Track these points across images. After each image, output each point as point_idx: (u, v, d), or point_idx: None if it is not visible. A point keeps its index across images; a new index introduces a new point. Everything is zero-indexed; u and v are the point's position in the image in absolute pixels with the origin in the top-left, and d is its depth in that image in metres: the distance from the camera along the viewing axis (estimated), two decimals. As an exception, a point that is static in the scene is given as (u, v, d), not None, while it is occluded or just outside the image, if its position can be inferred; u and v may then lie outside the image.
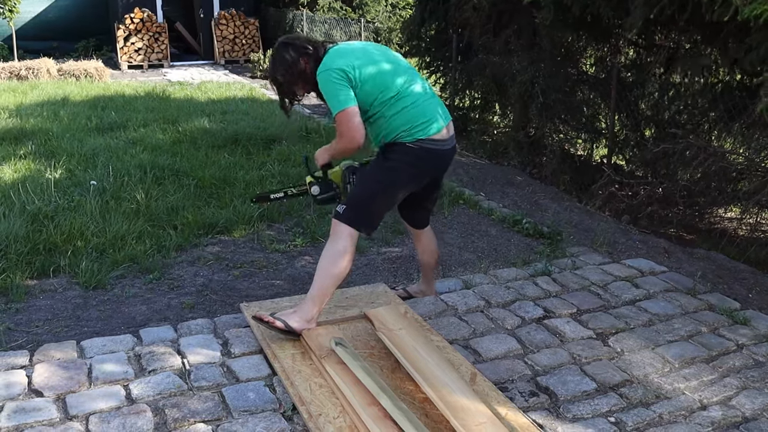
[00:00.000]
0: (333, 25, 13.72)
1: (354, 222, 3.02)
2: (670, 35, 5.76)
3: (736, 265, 4.32)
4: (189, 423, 2.58)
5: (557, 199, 5.70)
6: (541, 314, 3.52)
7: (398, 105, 3.04)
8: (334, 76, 2.96)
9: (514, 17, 6.87)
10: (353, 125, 2.94)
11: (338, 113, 2.95)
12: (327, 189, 3.29)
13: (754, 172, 4.89)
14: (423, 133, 3.04)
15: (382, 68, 3.05)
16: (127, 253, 4.18)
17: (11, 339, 3.22)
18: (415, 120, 3.03)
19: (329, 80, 2.96)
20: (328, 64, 3.00)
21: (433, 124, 3.06)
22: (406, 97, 3.05)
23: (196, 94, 10.30)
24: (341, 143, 3.03)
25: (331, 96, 2.97)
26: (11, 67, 11.57)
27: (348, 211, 3.03)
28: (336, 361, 2.82)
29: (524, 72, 6.44)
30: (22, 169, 5.87)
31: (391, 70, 3.07)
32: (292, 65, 3.09)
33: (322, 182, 3.31)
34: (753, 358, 3.16)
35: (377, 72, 3.03)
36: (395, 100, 3.04)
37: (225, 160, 6.29)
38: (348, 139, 2.97)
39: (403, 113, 3.03)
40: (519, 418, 2.59)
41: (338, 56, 3.03)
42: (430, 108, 3.09)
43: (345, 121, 2.95)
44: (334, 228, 3.05)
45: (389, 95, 3.03)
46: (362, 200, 3.07)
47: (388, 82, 3.04)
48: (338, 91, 2.95)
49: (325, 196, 3.30)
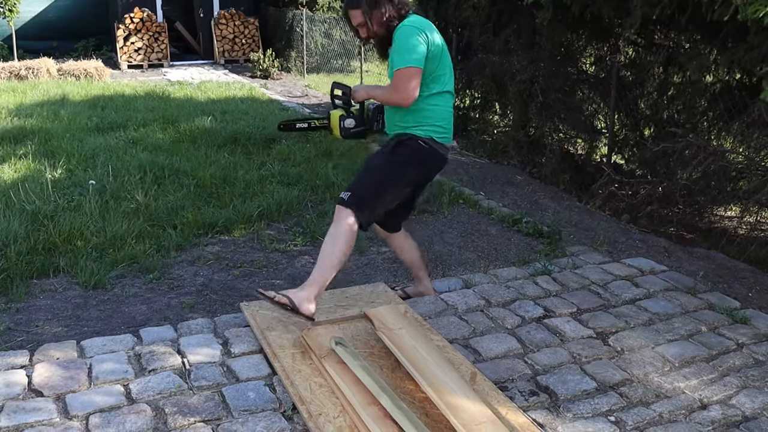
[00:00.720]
0: (333, 24, 13.71)
1: (357, 209, 3.07)
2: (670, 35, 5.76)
3: (736, 264, 4.32)
4: (189, 422, 2.58)
5: (557, 198, 5.70)
6: (541, 313, 3.52)
7: (440, 100, 3.12)
8: (418, 34, 3.01)
9: (514, 17, 6.87)
10: (413, 84, 3.00)
11: (405, 68, 2.99)
12: (360, 123, 3.32)
13: (754, 171, 4.90)
14: (437, 135, 3.14)
15: (445, 57, 3.14)
16: (127, 253, 4.18)
17: (11, 339, 3.22)
18: (439, 120, 3.14)
19: (412, 34, 3.01)
20: (416, 23, 3.06)
21: (447, 133, 3.20)
22: (445, 96, 3.15)
23: (195, 94, 10.30)
24: (393, 96, 3.07)
25: (404, 49, 2.99)
26: (11, 67, 11.56)
27: (352, 198, 3.09)
28: (336, 360, 2.82)
29: (524, 71, 6.45)
30: (22, 169, 5.87)
31: (447, 65, 3.16)
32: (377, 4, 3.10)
33: (357, 117, 3.31)
34: (753, 357, 3.16)
35: (443, 60, 3.11)
36: (443, 95, 3.14)
37: (225, 160, 6.29)
38: (403, 96, 3.02)
39: (436, 109, 3.12)
40: (519, 417, 2.59)
41: (423, 22, 3.09)
42: (451, 118, 3.22)
43: (407, 78, 2.99)
44: (337, 213, 3.11)
45: (438, 86, 3.12)
46: (367, 191, 3.12)
47: (443, 74, 3.13)
48: (415, 48, 2.99)
49: (357, 131, 3.33)
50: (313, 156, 6.54)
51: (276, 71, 13.23)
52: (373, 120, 3.29)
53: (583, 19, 5.45)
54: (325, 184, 5.60)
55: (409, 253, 3.58)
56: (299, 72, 13.59)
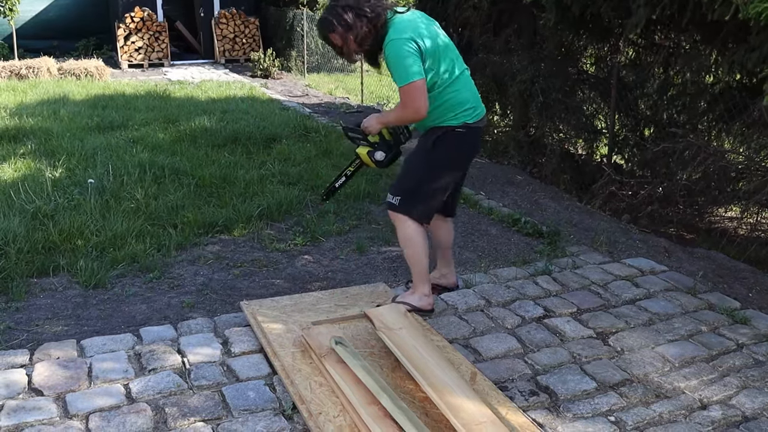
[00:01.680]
0: (333, 24, 13.70)
1: (411, 213, 3.17)
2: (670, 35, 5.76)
3: (737, 265, 4.32)
4: (189, 422, 2.58)
5: (557, 198, 5.70)
6: (542, 313, 3.52)
7: (455, 86, 3.11)
8: (407, 44, 2.95)
9: (514, 16, 6.87)
10: (421, 98, 2.97)
11: (407, 85, 2.96)
12: (389, 149, 3.30)
13: (754, 172, 4.89)
14: (469, 118, 3.14)
15: (442, 46, 3.09)
16: (127, 252, 4.18)
17: (11, 338, 3.22)
18: (465, 104, 3.13)
19: (401, 48, 2.95)
20: (398, 33, 2.99)
21: (478, 109, 3.19)
22: (460, 79, 3.13)
23: (196, 93, 10.30)
24: (405, 114, 3.06)
25: (399, 66, 2.96)
26: (11, 66, 11.56)
27: (402, 203, 3.16)
28: (336, 359, 2.82)
29: (524, 71, 6.44)
30: (22, 168, 5.87)
31: (449, 49, 3.13)
32: (349, 26, 3.04)
33: (381, 145, 3.29)
34: (753, 357, 3.16)
35: (441, 49, 3.07)
36: (456, 81, 3.12)
37: (225, 159, 6.29)
38: (413, 110, 3.01)
39: (457, 95, 3.11)
40: (519, 417, 2.59)
41: (407, 26, 3.02)
42: (475, 92, 3.20)
43: (412, 94, 2.97)
44: (393, 218, 3.22)
45: (448, 75, 3.10)
46: (415, 191, 3.17)
47: (448, 61, 3.10)
48: (408, 62, 2.94)
49: (390, 156, 3.31)
50: (314, 156, 6.54)
51: (276, 71, 13.23)
52: (399, 135, 3.28)
53: (583, 19, 5.45)
54: (325, 183, 5.60)
55: (447, 235, 3.61)
56: (300, 71, 13.59)
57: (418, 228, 3.21)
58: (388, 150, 3.29)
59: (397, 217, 3.22)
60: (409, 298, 3.34)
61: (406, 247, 3.27)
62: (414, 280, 3.35)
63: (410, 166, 3.28)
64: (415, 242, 3.22)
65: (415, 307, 3.30)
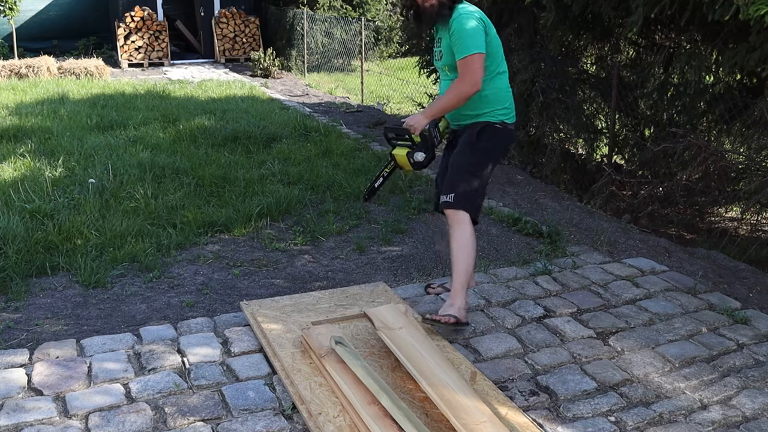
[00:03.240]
0: (333, 23, 13.71)
1: (468, 207, 3.19)
2: (670, 35, 5.76)
3: (737, 265, 4.32)
4: (188, 422, 2.58)
5: (557, 198, 5.70)
6: (542, 313, 3.52)
7: (499, 82, 3.20)
8: (475, 19, 3.08)
9: (515, 16, 6.86)
10: (480, 71, 3.06)
11: (471, 56, 3.05)
12: (428, 149, 3.30)
13: (755, 172, 4.89)
14: (506, 118, 3.23)
15: (496, 40, 3.21)
16: (127, 252, 4.17)
17: (11, 337, 3.22)
18: (504, 102, 3.21)
19: (471, 20, 3.08)
20: (471, 9, 3.13)
21: (512, 112, 3.27)
22: (504, 76, 3.22)
23: (196, 93, 10.30)
24: (462, 88, 3.10)
25: (467, 36, 3.05)
26: (11, 65, 11.56)
27: (458, 199, 3.17)
28: (336, 359, 2.82)
29: (525, 71, 6.44)
30: (22, 168, 5.87)
31: (500, 47, 3.23)
32: None
33: (421, 145, 3.29)
34: (753, 357, 3.15)
35: (495, 42, 3.19)
36: (500, 76, 3.21)
37: (225, 159, 6.29)
38: (471, 83, 3.07)
39: (499, 92, 3.20)
40: (519, 417, 2.59)
41: (477, 10, 3.15)
42: (511, 95, 3.28)
43: (474, 65, 3.06)
44: (453, 217, 3.19)
45: (496, 66, 3.19)
46: (469, 187, 3.20)
47: (499, 56, 3.21)
48: (477, 35, 3.06)
49: (429, 157, 3.30)
50: (314, 155, 6.54)
51: (276, 70, 13.23)
52: (432, 138, 3.28)
53: (584, 18, 5.44)
54: (325, 183, 5.60)
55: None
56: (300, 71, 13.59)
57: (473, 235, 3.19)
58: (427, 150, 3.29)
59: (456, 215, 3.18)
60: (450, 309, 3.15)
61: (460, 251, 3.16)
62: (455, 288, 3.19)
63: (459, 164, 3.28)
64: (469, 249, 3.16)
65: (458, 320, 3.12)
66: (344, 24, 13.52)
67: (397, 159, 3.36)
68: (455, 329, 3.16)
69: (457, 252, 3.17)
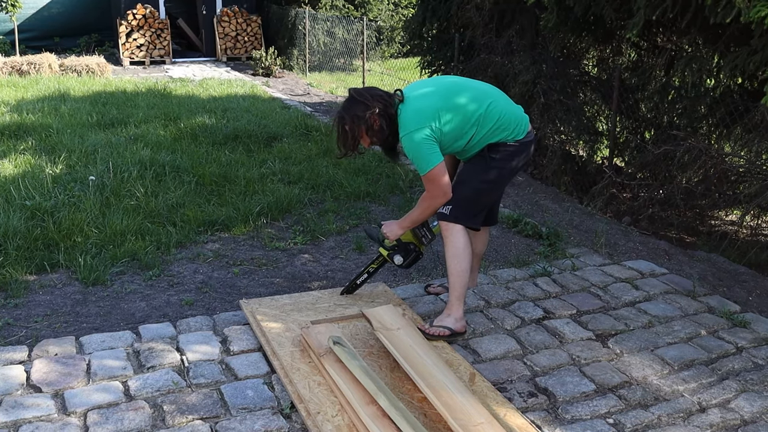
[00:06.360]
0: (335, 23, 13.71)
1: (463, 220, 3.18)
2: (672, 38, 5.76)
3: (737, 268, 4.32)
4: (187, 420, 2.58)
5: (558, 199, 5.70)
6: (541, 315, 3.52)
7: (489, 123, 3.14)
8: (417, 137, 3.05)
9: (516, 17, 6.86)
10: (443, 178, 3.09)
11: (429, 172, 3.07)
12: (408, 253, 3.36)
13: (755, 175, 4.89)
14: (520, 136, 3.21)
15: (458, 104, 3.13)
16: (127, 250, 4.17)
17: (10, 334, 3.22)
18: (508, 128, 3.17)
19: (418, 135, 3.05)
20: (410, 126, 3.07)
21: (521, 125, 3.23)
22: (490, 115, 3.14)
23: (197, 91, 10.29)
24: (434, 201, 3.16)
25: (419, 157, 3.07)
26: (13, 62, 11.56)
27: (455, 211, 3.17)
28: (335, 359, 2.82)
29: (526, 72, 6.44)
30: (22, 164, 5.87)
31: (465, 103, 3.14)
32: (363, 121, 3.13)
33: (400, 249, 3.35)
34: (752, 361, 3.15)
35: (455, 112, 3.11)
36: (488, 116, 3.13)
37: (226, 157, 6.29)
38: (441, 193, 3.13)
39: (496, 131, 3.15)
40: (517, 418, 2.59)
41: (417, 114, 3.08)
42: (516, 112, 3.24)
43: (435, 178, 3.09)
44: (446, 229, 3.19)
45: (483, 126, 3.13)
46: (469, 199, 3.20)
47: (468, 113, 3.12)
48: (426, 151, 3.06)
49: (410, 260, 3.36)
50: (314, 155, 6.54)
51: (278, 69, 13.22)
52: (420, 238, 3.31)
53: (585, 20, 5.44)
54: (326, 182, 5.60)
55: (483, 243, 3.62)
56: (301, 70, 13.58)
57: (468, 246, 3.19)
58: (406, 254, 3.34)
59: (448, 227, 3.19)
60: (446, 321, 3.20)
61: (454, 261, 3.17)
62: (451, 299, 3.22)
63: (463, 178, 3.28)
64: (462, 258, 3.17)
65: (453, 331, 3.17)
66: (346, 23, 13.51)
67: (384, 256, 3.42)
68: (449, 341, 3.19)
69: (452, 262, 3.19)
